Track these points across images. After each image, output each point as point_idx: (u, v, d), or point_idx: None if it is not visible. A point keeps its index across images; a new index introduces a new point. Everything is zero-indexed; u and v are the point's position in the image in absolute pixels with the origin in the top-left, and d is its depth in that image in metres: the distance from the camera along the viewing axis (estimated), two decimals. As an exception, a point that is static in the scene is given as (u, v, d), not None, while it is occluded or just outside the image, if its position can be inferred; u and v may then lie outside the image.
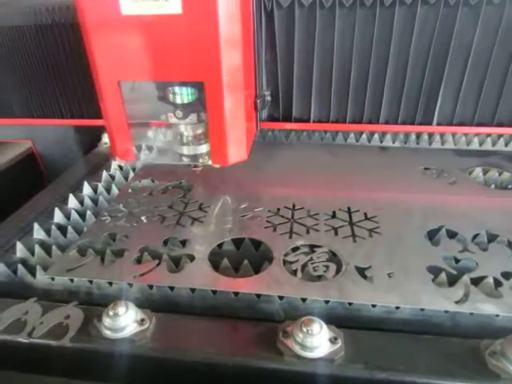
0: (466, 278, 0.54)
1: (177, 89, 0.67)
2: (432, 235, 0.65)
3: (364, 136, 1.01)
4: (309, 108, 0.85)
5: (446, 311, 0.51)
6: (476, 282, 0.55)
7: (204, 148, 0.73)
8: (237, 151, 0.71)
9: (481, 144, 0.97)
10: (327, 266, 0.58)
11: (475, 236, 0.64)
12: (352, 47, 0.77)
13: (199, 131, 0.72)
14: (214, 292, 0.55)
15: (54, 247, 0.65)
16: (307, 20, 0.76)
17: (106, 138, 1.08)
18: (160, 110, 0.72)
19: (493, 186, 0.82)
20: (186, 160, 0.75)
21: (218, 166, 0.74)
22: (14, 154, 1.11)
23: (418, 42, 0.75)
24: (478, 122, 0.83)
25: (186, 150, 0.73)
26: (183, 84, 0.67)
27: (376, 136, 1.00)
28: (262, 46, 0.78)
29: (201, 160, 0.74)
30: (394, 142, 1.00)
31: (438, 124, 0.84)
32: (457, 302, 0.51)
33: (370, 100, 0.83)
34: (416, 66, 0.78)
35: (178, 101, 0.68)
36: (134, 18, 0.59)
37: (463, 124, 0.84)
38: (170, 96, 0.68)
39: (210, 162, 0.73)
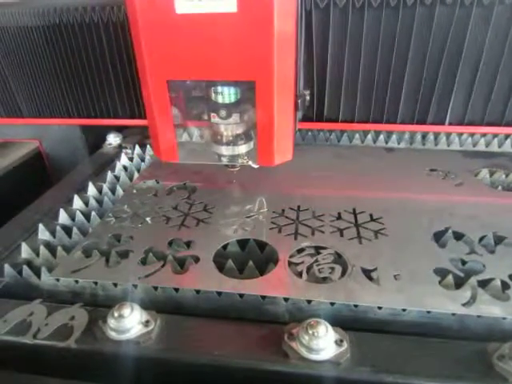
0: (473, 281, 0.54)
1: (220, 88, 0.67)
2: (438, 237, 0.65)
3: (369, 137, 1.00)
4: (338, 108, 0.87)
5: (453, 314, 0.51)
6: (483, 284, 0.54)
7: (243, 148, 0.73)
8: (283, 151, 0.71)
9: (487, 145, 0.96)
10: (333, 268, 0.57)
11: (482, 238, 0.63)
12: (377, 46, 0.78)
13: (239, 131, 0.72)
14: (219, 293, 0.55)
15: (59, 248, 0.65)
16: (341, 20, 0.78)
17: (110, 139, 1.08)
18: (203, 110, 0.72)
19: (499, 187, 0.82)
20: (224, 160, 0.75)
21: (256, 166, 0.73)
22: (22, 153, 1.12)
23: (434, 40, 0.77)
24: (488, 121, 0.84)
25: (225, 151, 0.73)
26: (227, 83, 0.66)
27: (381, 137, 1.00)
28: (301, 45, 0.78)
29: (240, 160, 0.74)
30: (399, 143, 1.00)
31: (450, 124, 0.85)
32: (464, 305, 0.50)
33: (390, 100, 0.84)
34: (431, 65, 0.79)
35: (221, 100, 0.68)
36: (188, 17, 0.59)
37: (473, 124, 0.84)
38: (213, 95, 0.68)
39: (249, 163, 0.73)
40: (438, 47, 0.77)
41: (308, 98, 0.83)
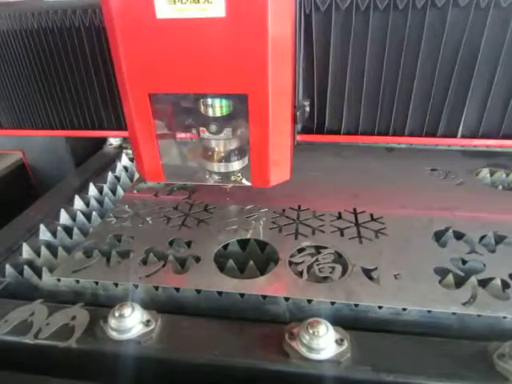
0: (473, 280, 0.54)
1: (211, 101, 0.60)
2: (439, 236, 0.65)
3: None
4: (340, 119, 0.81)
5: (454, 313, 0.51)
6: (483, 283, 0.54)
7: (236, 165, 0.67)
8: (280, 171, 0.65)
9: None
10: (333, 268, 0.57)
11: (482, 237, 0.63)
12: (384, 52, 0.73)
13: (232, 147, 0.65)
14: (220, 293, 0.55)
15: (60, 248, 0.66)
16: (344, 23, 0.72)
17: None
18: (191, 125, 0.65)
19: (500, 187, 0.82)
20: (216, 178, 0.69)
21: (249, 183, 0.67)
22: (5, 164, 1.08)
23: (446, 46, 0.71)
24: (504, 133, 0.79)
25: (216, 168, 0.67)
26: (222, 95, 0.60)
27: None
28: (300, 51, 0.73)
29: (232, 178, 0.68)
30: (399, 143, 1.00)
31: (463, 136, 0.80)
32: (464, 304, 0.50)
33: (397, 111, 0.79)
34: (443, 73, 0.74)
35: (212, 114, 0.61)
36: (170, 23, 0.52)
37: (488, 136, 0.79)
38: (203, 108, 0.62)
39: (243, 181, 0.67)
40: (450, 52, 0.72)
41: (308, 109, 0.77)
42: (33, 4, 0.80)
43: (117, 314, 0.47)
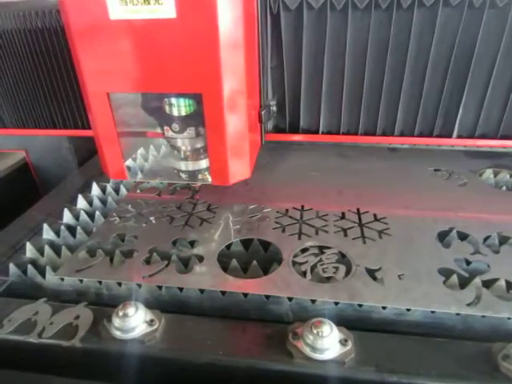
0: (477, 281, 0.54)
1: (173, 100, 0.62)
2: (442, 237, 0.64)
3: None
4: (318, 118, 0.80)
5: (458, 314, 0.50)
6: (488, 284, 0.54)
7: (203, 163, 0.68)
8: (239, 169, 0.66)
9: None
10: (337, 268, 0.57)
11: (486, 238, 0.63)
12: (366, 53, 0.72)
13: (198, 145, 0.67)
14: (223, 293, 0.55)
15: (63, 248, 0.66)
16: (317, 23, 0.71)
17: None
18: (155, 123, 0.66)
19: (504, 187, 0.81)
20: (183, 177, 0.71)
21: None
22: (8, 164, 1.09)
23: (438, 47, 0.71)
24: (503, 134, 0.78)
25: (183, 166, 0.68)
26: (180, 95, 0.62)
27: (385, 137, 0.99)
28: (267, 51, 0.73)
29: (200, 176, 0.70)
30: (403, 143, 0.99)
31: (459, 136, 0.79)
32: (468, 305, 0.50)
33: (384, 109, 0.77)
34: (435, 73, 0.73)
35: (175, 113, 0.63)
36: (123, 24, 0.54)
37: (486, 136, 0.78)
38: (166, 108, 0.63)
39: (209, 180, 0.69)
40: (443, 51, 0.71)
41: (275, 108, 0.77)
42: (36, 3, 0.80)
43: (121, 314, 0.47)
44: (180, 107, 0.62)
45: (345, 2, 0.69)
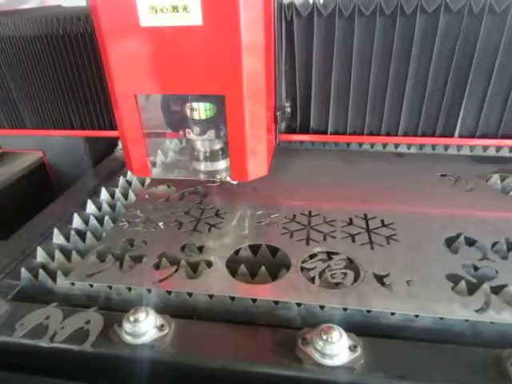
0: (485, 287, 0.54)
1: (195, 104, 0.66)
2: (450, 243, 0.65)
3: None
4: (326, 119, 0.83)
5: (466, 320, 0.51)
6: (496, 290, 0.54)
7: (222, 164, 0.72)
8: (257, 166, 0.70)
9: (498, 150, 0.96)
10: (345, 273, 0.58)
11: (494, 244, 0.63)
12: (371, 56, 0.74)
13: (217, 147, 0.71)
14: (232, 298, 0.56)
15: (73, 252, 0.66)
16: (326, 29, 0.74)
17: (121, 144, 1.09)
18: (178, 125, 0.71)
19: (511, 193, 0.81)
20: (202, 176, 0.74)
21: (235, 182, 0.73)
22: (25, 164, 1.11)
23: (439, 51, 0.73)
24: (503, 134, 0.80)
25: (203, 167, 0.73)
26: (201, 99, 0.66)
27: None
28: (281, 55, 0.76)
29: (218, 176, 0.73)
30: (409, 148, 1.00)
31: (460, 136, 0.81)
32: (477, 311, 0.50)
33: (388, 110, 0.80)
34: (438, 75, 0.75)
35: (196, 117, 0.67)
36: (152, 30, 0.58)
37: (486, 136, 0.80)
38: (188, 112, 0.68)
39: (227, 178, 0.72)
40: (445, 53, 0.73)
41: (289, 110, 0.81)
42: (57, 10, 0.85)
43: (131, 319, 0.47)
44: (201, 111, 0.66)
45: (352, 9, 0.71)
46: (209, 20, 0.56)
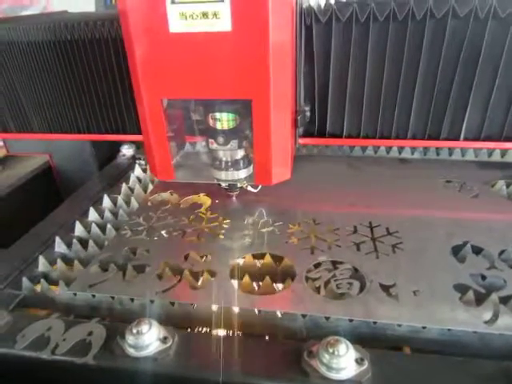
0: (494, 297, 0.53)
1: (218, 115, 0.67)
2: (457, 251, 0.64)
3: (382, 147, 1.00)
4: (342, 123, 0.84)
5: (475, 331, 0.50)
6: (505, 300, 0.53)
7: (243, 173, 0.73)
8: (281, 171, 0.70)
9: (503, 156, 0.95)
10: (351, 283, 0.57)
11: (502, 252, 0.62)
12: (384, 61, 0.76)
13: (238, 157, 0.72)
14: (236, 309, 0.55)
15: (75, 262, 0.66)
16: (343, 34, 0.76)
17: (124, 150, 1.09)
18: (201, 134, 0.73)
19: (517, 199, 0.80)
20: (223, 184, 0.76)
21: (255, 190, 0.75)
22: (32, 167, 1.12)
23: (447, 55, 0.74)
24: (507, 136, 0.80)
25: (224, 176, 0.73)
26: (225, 110, 0.66)
27: (395, 147, 0.99)
28: (301, 60, 0.77)
29: (238, 184, 0.75)
30: (413, 154, 0.99)
31: (465, 139, 0.82)
32: (486, 322, 0.50)
33: (398, 115, 0.81)
34: (444, 79, 0.77)
35: (219, 127, 0.68)
36: (181, 36, 0.58)
37: (490, 139, 0.81)
38: (211, 122, 0.68)
39: (248, 187, 0.75)
40: (451, 57, 0.74)
41: (308, 114, 0.81)
42: (64, 16, 0.85)
43: (134, 331, 0.47)
44: (224, 121, 0.67)
45: (367, 15, 0.73)
46: (238, 26, 0.56)
